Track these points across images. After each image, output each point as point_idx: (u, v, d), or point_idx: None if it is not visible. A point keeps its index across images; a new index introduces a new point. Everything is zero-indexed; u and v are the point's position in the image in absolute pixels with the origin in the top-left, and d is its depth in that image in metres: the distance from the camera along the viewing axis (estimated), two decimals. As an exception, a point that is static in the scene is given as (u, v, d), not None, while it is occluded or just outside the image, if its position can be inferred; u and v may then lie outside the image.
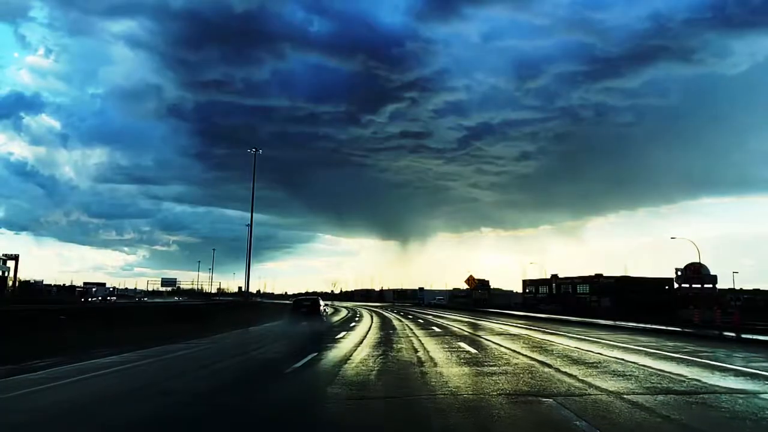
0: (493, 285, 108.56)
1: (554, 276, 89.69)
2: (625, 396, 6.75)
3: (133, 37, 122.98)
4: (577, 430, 5.14)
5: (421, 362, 10.78)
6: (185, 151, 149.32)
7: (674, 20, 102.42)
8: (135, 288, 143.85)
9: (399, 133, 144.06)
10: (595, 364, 10.10)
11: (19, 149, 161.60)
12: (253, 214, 56.64)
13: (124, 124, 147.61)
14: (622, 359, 10.93)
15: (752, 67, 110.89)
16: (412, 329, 22.49)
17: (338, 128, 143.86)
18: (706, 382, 7.89)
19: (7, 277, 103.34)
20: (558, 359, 10.99)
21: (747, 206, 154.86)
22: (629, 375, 8.63)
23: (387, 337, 18.19)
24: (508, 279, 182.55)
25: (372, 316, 37.55)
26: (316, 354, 12.51)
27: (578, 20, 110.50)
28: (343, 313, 45.32)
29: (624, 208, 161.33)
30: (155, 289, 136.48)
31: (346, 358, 11.53)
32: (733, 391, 7.14)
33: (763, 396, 6.84)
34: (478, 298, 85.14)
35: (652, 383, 7.79)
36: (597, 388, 7.40)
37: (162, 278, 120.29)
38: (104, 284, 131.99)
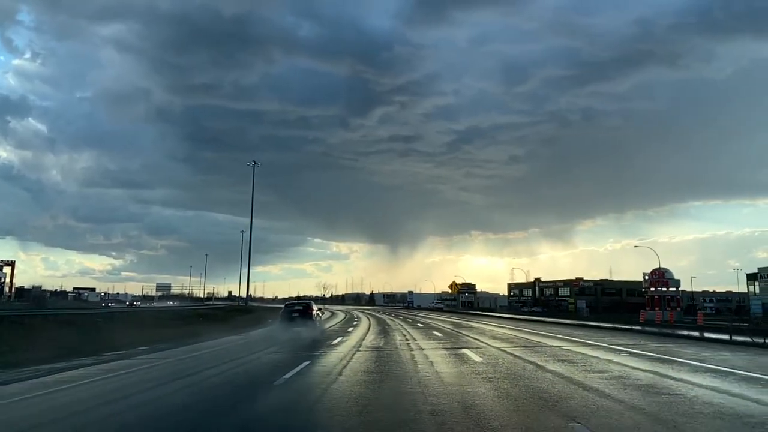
0: (482, 288, 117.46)
1: (537, 279, 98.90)
2: (500, 347, 15.30)
3: (121, 41, 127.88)
4: (468, 356, 13.56)
5: (407, 340, 19.27)
6: (174, 155, 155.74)
7: (660, 25, 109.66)
8: (126, 293, 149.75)
9: (389, 137, 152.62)
10: (504, 338, 18.70)
11: (4, 153, 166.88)
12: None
13: (112, 127, 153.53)
14: (523, 337, 19.55)
15: (737, 72, 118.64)
16: (402, 326, 30.97)
17: (328, 132, 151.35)
18: (546, 344, 16.50)
19: (4, 283, 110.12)
20: (487, 338, 19.58)
21: (733, 209, 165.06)
22: (515, 342, 17.21)
23: (385, 330, 26.65)
24: (497, 282, 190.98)
25: (369, 318, 45.96)
26: (341, 338, 20.87)
27: (566, 25, 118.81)
28: (341, 316, 53.46)
29: (612, 210, 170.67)
30: (146, 293, 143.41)
31: (362, 339, 19.93)
32: (552, 347, 15.71)
33: (563, 347, 15.38)
34: (465, 301, 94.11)
35: (520, 344, 16.38)
36: (491, 346, 15.96)
37: (157, 283, 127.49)
38: (93, 289, 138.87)
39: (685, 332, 22.74)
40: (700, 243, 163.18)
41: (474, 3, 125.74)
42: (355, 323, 34.87)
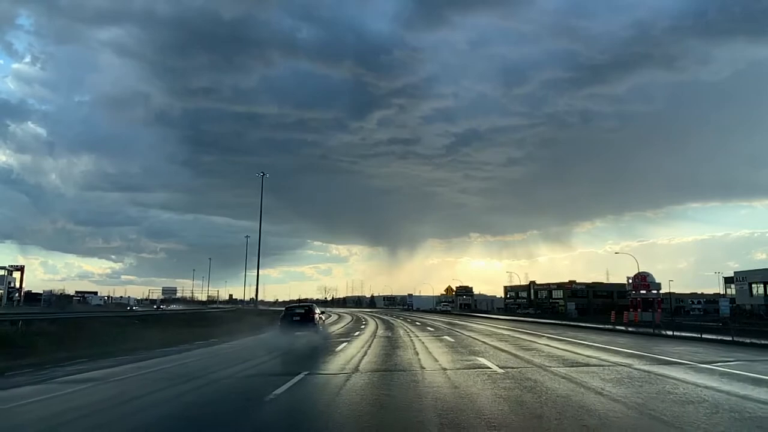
0: (481, 290, 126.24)
1: (532, 282, 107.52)
2: (469, 335, 24.01)
3: (120, 45, 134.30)
4: (446, 339, 22.21)
5: (408, 333, 27.91)
6: (172, 159, 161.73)
7: (657, 28, 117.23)
8: (128, 296, 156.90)
9: (387, 140, 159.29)
10: (477, 331, 27.38)
11: (4, 157, 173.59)
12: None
13: (111, 131, 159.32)
14: (492, 330, 28.24)
15: (734, 74, 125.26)
16: (404, 324, 39.67)
17: (327, 135, 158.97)
18: (503, 333, 25.18)
19: (14, 287, 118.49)
20: (466, 330, 28.25)
21: (731, 211, 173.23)
22: (483, 333, 25.90)
23: (390, 327, 35.33)
24: (495, 284, 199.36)
25: (374, 319, 54.65)
26: (359, 332, 29.45)
27: (563, 28, 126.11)
28: (348, 318, 61.99)
29: (611, 212, 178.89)
30: (150, 297, 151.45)
31: (375, 332, 28.53)
32: (504, 335, 24.37)
33: (511, 335, 23.99)
34: (462, 304, 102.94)
35: (485, 333, 25.09)
36: (464, 334, 24.69)
37: (163, 287, 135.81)
38: (96, 293, 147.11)
39: (642, 329, 29.85)
40: (700, 244, 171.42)
41: (472, 6, 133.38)
42: (364, 323, 43.50)
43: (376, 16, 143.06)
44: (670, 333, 25.55)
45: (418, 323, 41.05)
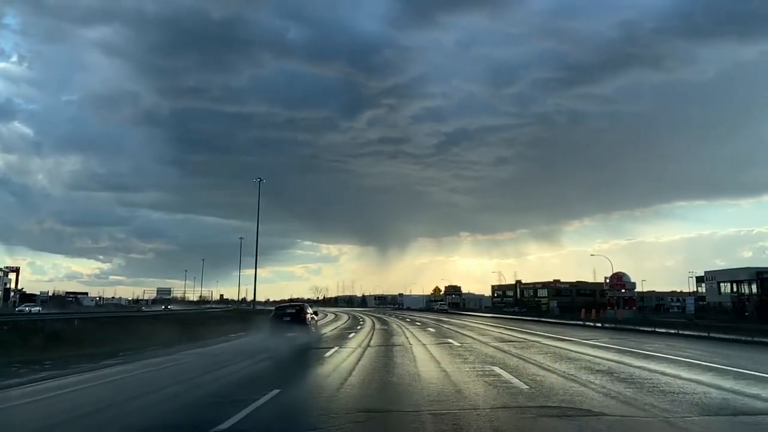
0: (470, 288, 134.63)
1: (518, 282, 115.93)
2: (448, 327, 32.22)
3: (108, 44, 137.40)
4: (429, 329, 30.31)
5: (400, 326, 36.02)
6: (162, 158, 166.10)
7: (644, 28, 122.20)
8: (119, 297, 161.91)
9: (377, 139, 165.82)
10: (456, 325, 35.62)
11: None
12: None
13: (100, 131, 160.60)
14: (468, 324, 36.47)
15: (720, 74, 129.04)
16: (397, 321, 47.82)
17: (317, 134, 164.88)
18: (473, 325, 33.40)
19: (9, 288, 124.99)
20: (448, 324, 36.48)
21: (718, 209, 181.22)
22: (459, 326, 34.13)
23: (386, 323, 43.46)
24: (485, 283, 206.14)
25: (370, 317, 62.66)
26: (360, 326, 37.47)
27: (552, 28, 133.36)
28: (345, 317, 69.70)
29: (600, 211, 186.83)
30: (142, 298, 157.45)
31: (374, 327, 36.58)
32: (473, 326, 32.56)
33: (479, 325, 32.16)
34: (451, 302, 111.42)
35: (460, 326, 33.34)
36: (444, 326, 32.95)
37: (157, 288, 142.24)
38: (87, 293, 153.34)
39: (606, 324, 37.65)
40: (687, 242, 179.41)
41: (461, 7, 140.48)
42: (361, 321, 51.58)
43: (366, 16, 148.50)
44: (613, 326, 33.76)
45: (408, 320, 49.33)
